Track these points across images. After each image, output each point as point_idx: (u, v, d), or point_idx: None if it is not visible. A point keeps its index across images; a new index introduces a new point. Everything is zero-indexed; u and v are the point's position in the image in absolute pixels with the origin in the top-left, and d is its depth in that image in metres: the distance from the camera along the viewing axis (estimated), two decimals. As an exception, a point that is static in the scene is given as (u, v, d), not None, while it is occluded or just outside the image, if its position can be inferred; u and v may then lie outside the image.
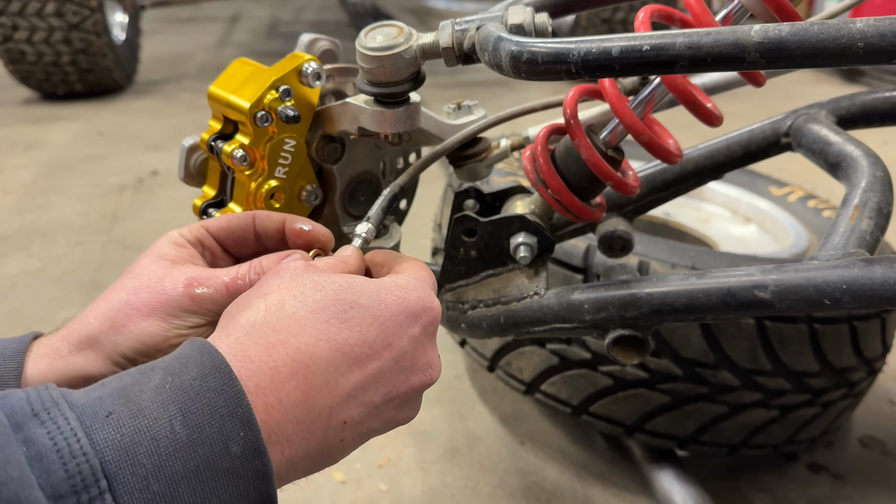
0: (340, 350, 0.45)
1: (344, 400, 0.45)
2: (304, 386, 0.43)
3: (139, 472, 0.36)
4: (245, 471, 0.39)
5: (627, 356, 0.68)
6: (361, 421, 0.47)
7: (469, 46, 0.61)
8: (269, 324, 0.44)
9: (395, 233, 0.78)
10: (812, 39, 0.48)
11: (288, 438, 0.42)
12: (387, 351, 0.47)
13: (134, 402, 0.38)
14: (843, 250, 0.62)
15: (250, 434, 0.39)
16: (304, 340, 0.44)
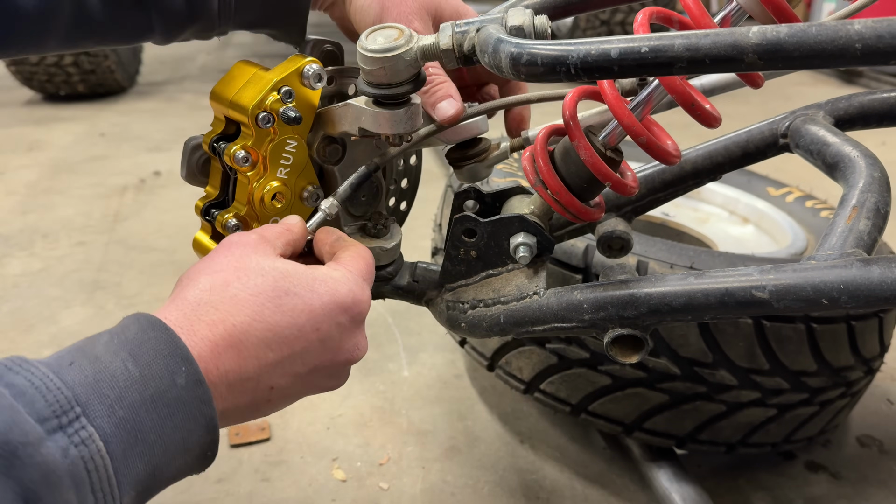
0: (271, 330, 0.53)
1: (271, 370, 0.53)
2: (238, 357, 0.51)
3: (105, 402, 0.43)
4: (190, 398, 0.47)
5: (626, 355, 0.68)
6: (288, 387, 0.56)
7: (469, 48, 0.62)
8: (212, 303, 0.52)
9: (396, 233, 0.78)
10: (810, 41, 0.49)
11: (222, 395, 0.51)
12: (314, 334, 0.55)
13: (89, 353, 0.46)
14: (841, 250, 0.63)
15: (191, 368, 0.47)
16: (241, 319, 0.52)
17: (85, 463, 0.41)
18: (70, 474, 0.40)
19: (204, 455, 0.50)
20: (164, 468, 0.46)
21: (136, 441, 0.44)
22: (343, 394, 1.45)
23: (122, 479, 0.43)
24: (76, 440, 0.41)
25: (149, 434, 0.45)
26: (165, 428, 0.46)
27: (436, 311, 0.79)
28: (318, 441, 1.32)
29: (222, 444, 1.30)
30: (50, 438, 0.40)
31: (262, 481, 1.22)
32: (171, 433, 0.46)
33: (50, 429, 0.40)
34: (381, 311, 1.75)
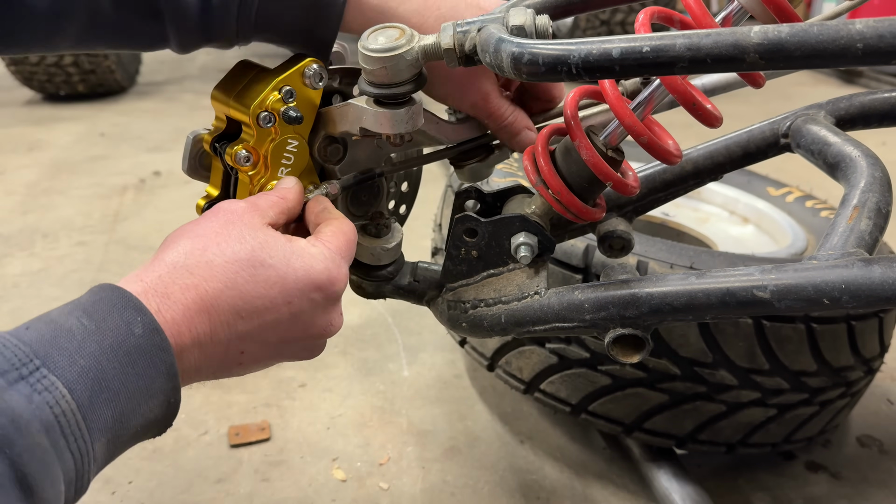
0: (243, 299, 0.54)
1: (241, 337, 0.55)
2: (209, 322, 0.53)
3: (65, 353, 0.45)
4: (149, 346, 0.48)
5: (627, 355, 0.68)
6: (258, 353, 0.57)
7: (470, 48, 0.62)
8: (188, 266, 0.53)
9: (396, 233, 0.78)
10: (811, 40, 0.49)
11: (194, 357, 0.53)
12: (286, 307, 0.56)
13: (44, 318, 0.47)
14: (842, 250, 0.62)
15: (146, 318, 0.49)
16: (214, 286, 0.53)
17: (51, 408, 0.42)
18: (38, 418, 0.41)
19: (167, 402, 0.50)
20: (131, 415, 0.47)
21: (101, 388, 0.45)
22: (343, 394, 1.45)
23: (92, 424, 0.44)
24: (39, 388, 0.42)
25: (112, 381, 0.46)
26: (128, 375, 0.47)
27: (437, 311, 0.79)
28: (318, 441, 1.32)
29: (222, 445, 1.30)
30: (12, 388, 0.41)
31: (262, 481, 1.22)
32: (134, 380, 0.47)
33: (11, 380, 0.41)
34: (381, 311, 1.75)
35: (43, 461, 0.41)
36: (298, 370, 1.53)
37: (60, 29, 0.63)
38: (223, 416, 1.37)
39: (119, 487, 1.19)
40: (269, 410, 1.40)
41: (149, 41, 0.68)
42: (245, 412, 1.39)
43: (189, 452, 1.28)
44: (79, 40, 0.65)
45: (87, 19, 0.63)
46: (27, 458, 0.40)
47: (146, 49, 0.70)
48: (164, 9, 0.64)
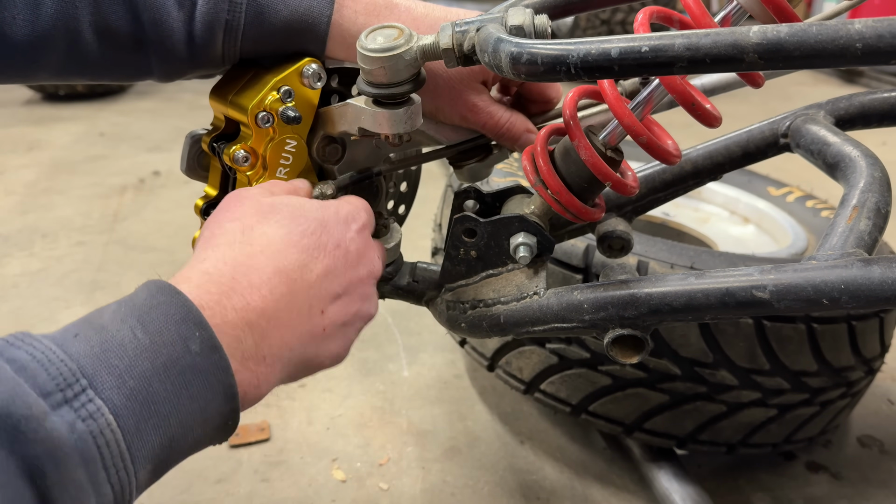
0: (304, 251, 0.55)
1: (316, 290, 0.55)
2: (286, 279, 0.53)
3: (114, 372, 0.41)
4: (207, 365, 0.45)
5: (626, 356, 0.68)
6: (334, 309, 0.57)
7: (469, 48, 0.62)
8: (246, 240, 0.54)
9: (396, 233, 0.78)
10: (811, 40, 0.49)
11: (283, 324, 0.51)
12: (336, 250, 0.58)
13: (95, 324, 0.44)
14: (842, 250, 0.62)
15: (205, 333, 0.45)
16: (276, 247, 0.54)
17: (94, 438, 0.39)
18: (78, 450, 0.38)
19: (225, 425, 0.48)
20: (181, 440, 0.44)
21: (150, 413, 0.42)
22: (343, 394, 1.45)
23: (137, 453, 0.41)
24: (83, 414, 0.39)
25: (163, 405, 0.43)
26: (181, 398, 0.44)
27: (436, 312, 0.79)
28: (317, 441, 1.32)
29: (222, 445, 1.30)
30: (55, 413, 0.38)
31: (262, 482, 1.22)
32: (188, 403, 0.44)
33: (54, 403, 0.38)
34: (382, 311, 1.75)
35: (76, 497, 0.38)
36: (298, 370, 1.53)
37: (39, 60, 0.62)
38: (223, 416, 1.37)
39: (118, 488, 1.20)
40: (269, 411, 1.40)
41: (131, 72, 0.67)
42: (245, 412, 1.39)
43: (188, 453, 1.28)
44: (58, 72, 0.64)
45: (66, 51, 0.62)
46: (58, 492, 0.37)
47: (128, 80, 0.70)
48: (147, 40, 0.63)
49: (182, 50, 0.64)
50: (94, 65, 0.64)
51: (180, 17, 0.63)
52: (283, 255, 0.54)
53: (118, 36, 0.63)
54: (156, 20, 0.62)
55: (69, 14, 0.60)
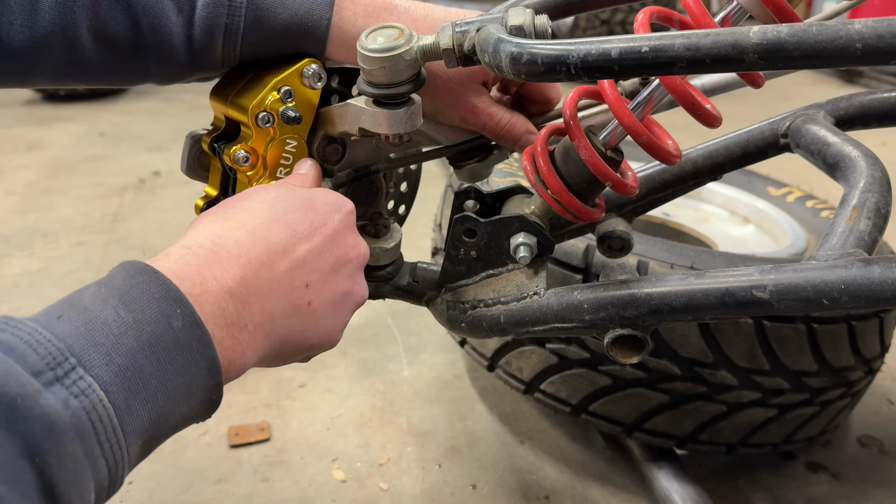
0: (289, 226, 0.55)
1: (300, 264, 0.55)
2: (267, 251, 0.53)
3: (101, 350, 0.42)
4: (189, 340, 0.46)
5: (626, 356, 0.68)
6: (321, 285, 0.57)
7: (469, 48, 0.62)
8: (227, 216, 0.55)
9: (395, 233, 0.78)
10: (810, 40, 0.49)
11: (263, 293, 0.52)
12: (323, 228, 0.58)
13: (77, 305, 0.45)
14: (842, 250, 0.62)
15: (186, 310, 0.46)
16: (259, 221, 0.54)
17: (87, 413, 0.40)
18: (73, 426, 0.39)
19: (209, 399, 0.48)
20: (169, 415, 0.45)
21: (138, 388, 0.43)
22: (343, 394, 1.45)
23: (128, 427, 0.42)
24: (75, 391, 0.40)
25: (150, 380, 0.44)
26: (167, 373, 0.44)
27: (436, 312, 0.79)
28: (317, 441, 1.32)
29: (222, 445, 1.30)
30: (48, 391, 0.39)
31: (262, 482, 1.22)
32: (173, 378, 0.45)
33: (46, 381, 0.39)
34: (381, 311, 1.75)
35: (74, 472, 0.39)
36: (298, 370, 1.53)
37: (37, 65, 0.62)
38: (223, 416, 1.37)
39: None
40: (269, 411, 1.40)
41: (130, 77, 0.67)
42: (245, 412, 1.39)
43: (189, 453, 1.28)
44: (56, 77, 0.64)
45: (64, 56, 0.62)
46: (57, 468, 0.38)
47: (126, 85, 0.70)
48: (146, 45, 0.63)
49: (181, 54, 0.64)
50: (92, 70, 0.64)
51: (179, 22, 0.63)
52: (264, 228, 0.54)
53: (117, 41, 0.63)
54: (154, 25, 0.62)
55: (67, 20, 0.60)
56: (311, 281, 0.56)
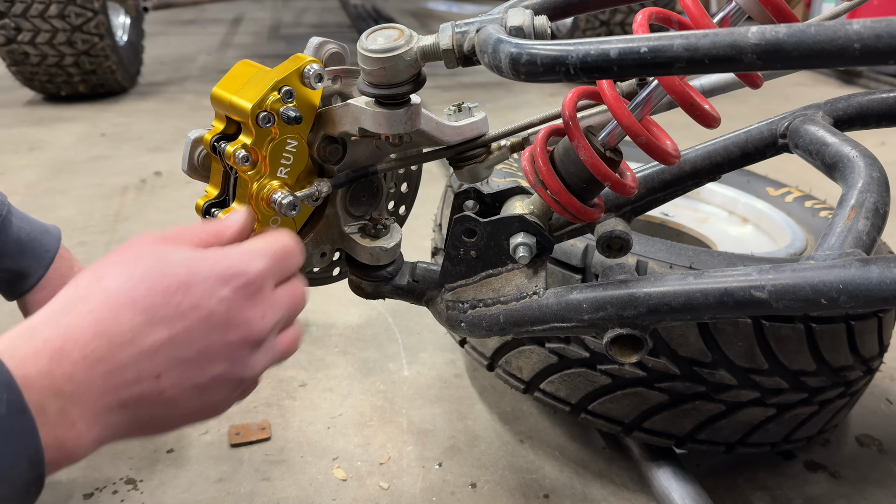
0: (145, 312, 0.51)
1: (150, 355, 0.51)
2: (108, 344, 0.49)
3: None
4: (14, 427, 0.44)
5: (625, 355, 0.69)
6: (180, 374, 0.53)
7: (469, 48, 0.62)
8: (84, 297, 0.51)
9: (395, 233, 0.78)
10: (809, 41, 0.49)
11: (99, 389, 0.49)
12: (193, 312, 0.53)
13: None
14: (840, 250, 0.63)
15: (13, 395, 0.44)
16: (109, 307, 0.50)
17: None
18: None
19: (28, 490, 0.46)
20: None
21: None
22: (343, 393, 1.46)
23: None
24: None
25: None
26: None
27: (436, 311, 0.80)
28: (318, 440, 1.32)
29: (223, 445, 1.30)
30: None
31: (263, 481, 1.22)
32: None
33: None
34: (382, 311, 1.76)
35: None
36: (299, 370, 1.53)
37: None
38: (223, 415, 1.38)
39: (120, 487, 1.20)
40: (270, 410, 1.40)
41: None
42: (245, 412, 1.39)
43: (189, 452, 1.28)
44: None
45: None
46: None
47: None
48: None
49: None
50: None
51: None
52: (113, 316, 0.50)
53: None
54: None
55: None
56: (163, 371, 0.52)
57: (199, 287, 0.54)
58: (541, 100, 3.87)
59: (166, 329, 0.52)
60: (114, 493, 1.19)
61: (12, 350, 0.48)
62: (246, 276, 0.56)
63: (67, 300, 0.52)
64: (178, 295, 0.52)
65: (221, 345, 0.55)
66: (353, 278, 0.80)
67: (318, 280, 0.82)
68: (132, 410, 0.51)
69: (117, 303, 0.51)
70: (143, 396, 0.51)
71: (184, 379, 0.53)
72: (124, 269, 0.53)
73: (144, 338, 0.51)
